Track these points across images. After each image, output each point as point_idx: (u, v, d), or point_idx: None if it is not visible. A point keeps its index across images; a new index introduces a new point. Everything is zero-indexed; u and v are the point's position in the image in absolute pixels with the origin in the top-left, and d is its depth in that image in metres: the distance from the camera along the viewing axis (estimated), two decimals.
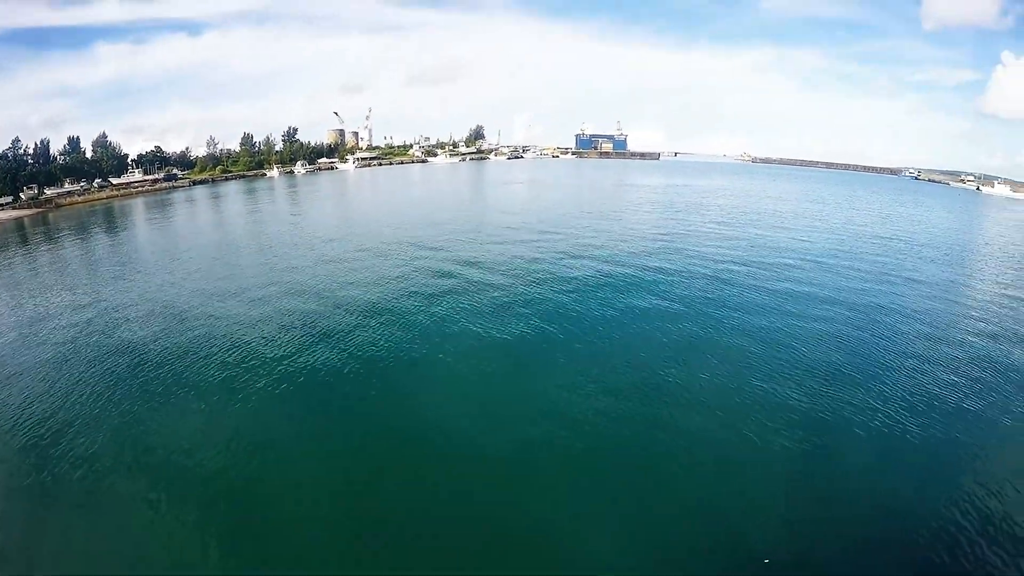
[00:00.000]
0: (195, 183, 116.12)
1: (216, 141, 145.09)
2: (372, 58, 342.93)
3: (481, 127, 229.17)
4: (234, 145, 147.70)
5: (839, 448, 11.26)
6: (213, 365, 16.84)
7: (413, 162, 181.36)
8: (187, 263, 30.05)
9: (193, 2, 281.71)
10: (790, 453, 10.95)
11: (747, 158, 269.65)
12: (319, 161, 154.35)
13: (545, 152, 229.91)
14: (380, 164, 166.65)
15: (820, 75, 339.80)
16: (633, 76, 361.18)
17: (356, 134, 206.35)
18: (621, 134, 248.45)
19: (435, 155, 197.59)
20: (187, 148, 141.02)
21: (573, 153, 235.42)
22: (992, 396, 13.59)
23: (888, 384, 14.01)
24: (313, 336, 17.54)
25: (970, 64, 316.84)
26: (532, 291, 19.87)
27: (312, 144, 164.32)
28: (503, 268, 23.43)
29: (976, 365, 15.47)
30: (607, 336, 16.18)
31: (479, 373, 14.36)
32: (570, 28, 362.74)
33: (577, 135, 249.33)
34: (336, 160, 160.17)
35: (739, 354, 15.32)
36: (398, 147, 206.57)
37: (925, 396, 13.50)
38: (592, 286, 20.94)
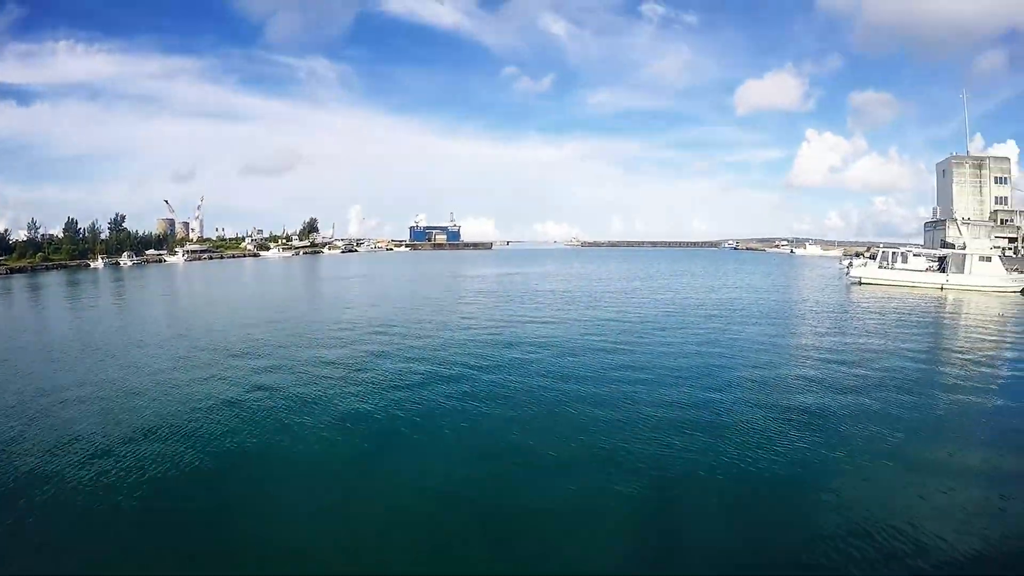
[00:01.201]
0: (12, 271, 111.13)
1: (38, 224, 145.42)
2: (207, 144, 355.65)
3: (315, 220, 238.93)
4: (57, 230, 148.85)
5: (684, 499, 10.53)
6: None
7: (245, 256, 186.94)
8: None
9: (21, 67, 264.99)
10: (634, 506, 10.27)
11: (577, 243, 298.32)
12: (147, 252, 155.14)
13: (379, 245, 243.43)
14: (211, 257, 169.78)
15: (641, 161, 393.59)
16: (466, 168, 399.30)
17: (187, 224, 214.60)
18: (455, 225, 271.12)
19: (268, 249, 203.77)
20: (6, 230, 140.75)
21: (407, 246, 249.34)
22: (817, 435, 13.23)
23: (730, 440, 12.87)
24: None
25: (778, 143, 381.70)
26: (372, 390, 17.38)
27: (140, 234, 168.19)
28: (340, 372, 19.77)
29: (802, 409, 15.05)
30: (440, 430, 14.05)
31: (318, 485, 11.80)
32: (406, 122, 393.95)
33: (411, 227, 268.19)
34: (165, 252, 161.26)
35: (575, 432, 13.62)
36: (230, 240, 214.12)
37: (775, 446, 12.68)
38: (427, 380, 18.31)
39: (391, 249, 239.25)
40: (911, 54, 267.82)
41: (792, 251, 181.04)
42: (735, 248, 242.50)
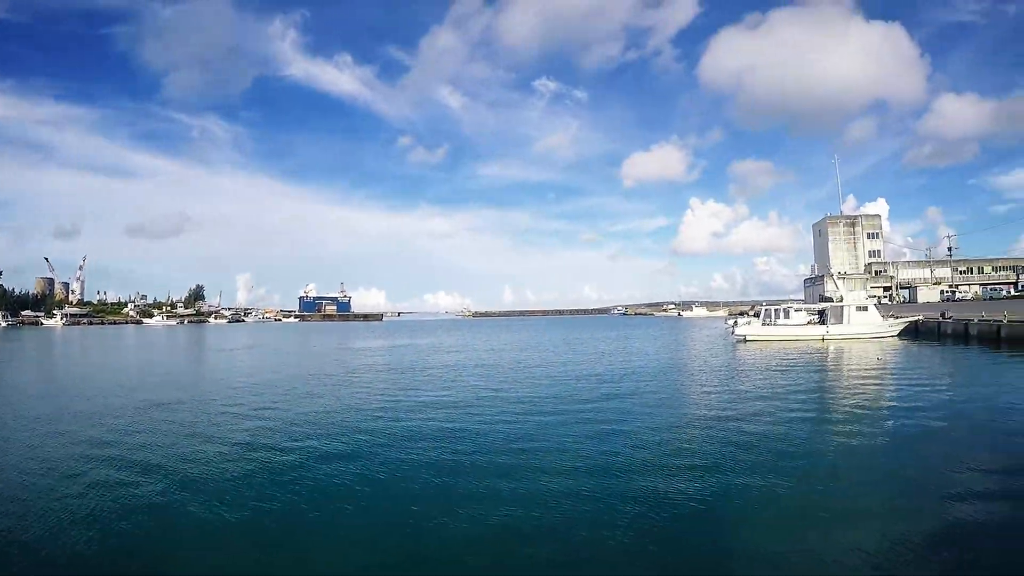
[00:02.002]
0: None
1: None
2: (93, 200, 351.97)
3: (202, 287, 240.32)
4: None
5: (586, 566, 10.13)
6: None
7: (128, 322, 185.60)
8: None
9: None
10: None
11: (468, 313, 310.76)
12: (23, 314, 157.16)
13: (268, 315, 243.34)
14: (91, 323, 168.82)
15: (531, 232, 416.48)
16: (358, 237, 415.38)
17: (67, 285, 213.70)
18: (345, 296, 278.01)
19: (151, 316, 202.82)
20: None
21: (296, 316, 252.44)
22: (714, 489, 13.17)
23: (629, 501, 12.70)
24: None
25: (664, 212, 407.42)
26: (252, 475, 16.09)
27: (16, 292, 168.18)
28: (217, 456, 18.03)
29: (698, 466, 15.11)
30: (327, 512, 13.01)
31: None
32: (298, 189, 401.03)
33: (301, 297, 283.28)
34: (42, 314, 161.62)
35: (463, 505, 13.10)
36: (112, 304, 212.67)
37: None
38: (312, 459, 17.32)
39: (280, 320, 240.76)
40: (788, 126, 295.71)
41: (680, 314, 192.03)
42: (624, 314, 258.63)
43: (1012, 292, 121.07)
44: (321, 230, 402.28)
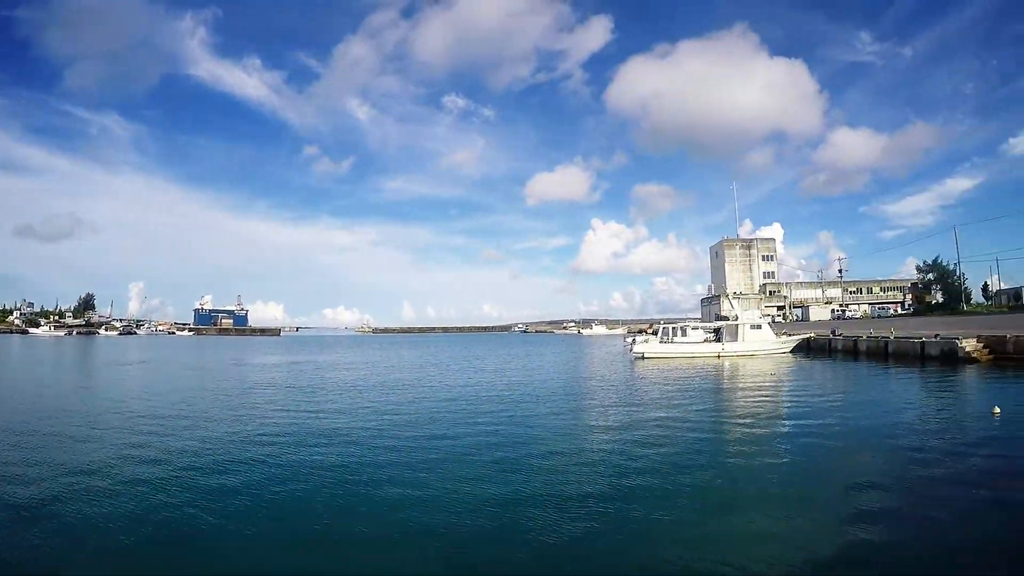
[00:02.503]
0: None
1: None
2: None
3: (92, 296, 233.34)
4: None
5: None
6: None
7: (12, 331, 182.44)
8: None
9: None
10: None
11: (368, 329, 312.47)
12: None
13: (161, 328, 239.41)
14: None
15: (433, 248, 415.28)
16: (257, 248, 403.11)
17: None
18: (242, 309, 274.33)
19: (38, 325, 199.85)
20: None
21: (191, 329, 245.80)
22: (615, 503, 13.22)
23: (530, 516, 12.54)
24: None
25: (565, 231, 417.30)
26: (141, 498, 14.99)
27: None
28: (105, 479, 16.98)
29: (599, 480, 15.08)
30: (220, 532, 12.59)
31: None
32: (197, 194, 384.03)
33: (196, 309, 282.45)
34: None
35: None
36: None
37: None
38: (209, 481, 16.47)
39: (174, 332, 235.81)
40: (689, 152, 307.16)
41: (579, 332, 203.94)
42: (525, 331, 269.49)
43: (899, 311, 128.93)
44: (219, 239, 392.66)
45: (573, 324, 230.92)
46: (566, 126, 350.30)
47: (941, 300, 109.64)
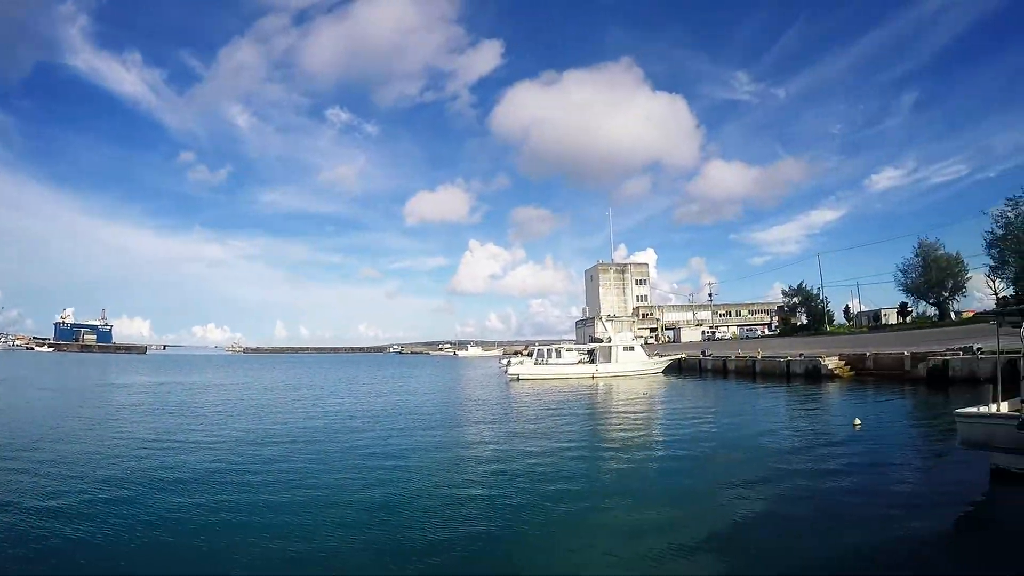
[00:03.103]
0: None
1: None
2: None
3: None
4: None
5: None
6: None
7: None
8: None
9: None
10: None
11: (239, 349, 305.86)
12: None
13: (19, 343, 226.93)
14: None
15: (308, 265, 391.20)
16: (123, 259, 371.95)
17: None
18: (106, 324, 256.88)
19: None
20: None
21: (51, 345, 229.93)
22: (499, 519, 13.25)
23: (409, 541, 12.34)
24: None
25: (444, 251, 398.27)
26: None
27: None
28: None
29: (477, 500, 15.12)
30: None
31: None
32: (61, 195, 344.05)
33: (57, 323, 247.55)
34: None
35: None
36: None
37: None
38: (67, 510, 15.37)
39: (32, 348, 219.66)
40: (569, 177, 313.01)
41: (455, 353, 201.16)
42: (400, 352, 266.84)
43: (766, 332, 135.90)
44: (84, 246, 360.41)
45: (449, 345, 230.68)
46: (450, 146, 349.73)
47: (806, 322, 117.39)
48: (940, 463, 17.05)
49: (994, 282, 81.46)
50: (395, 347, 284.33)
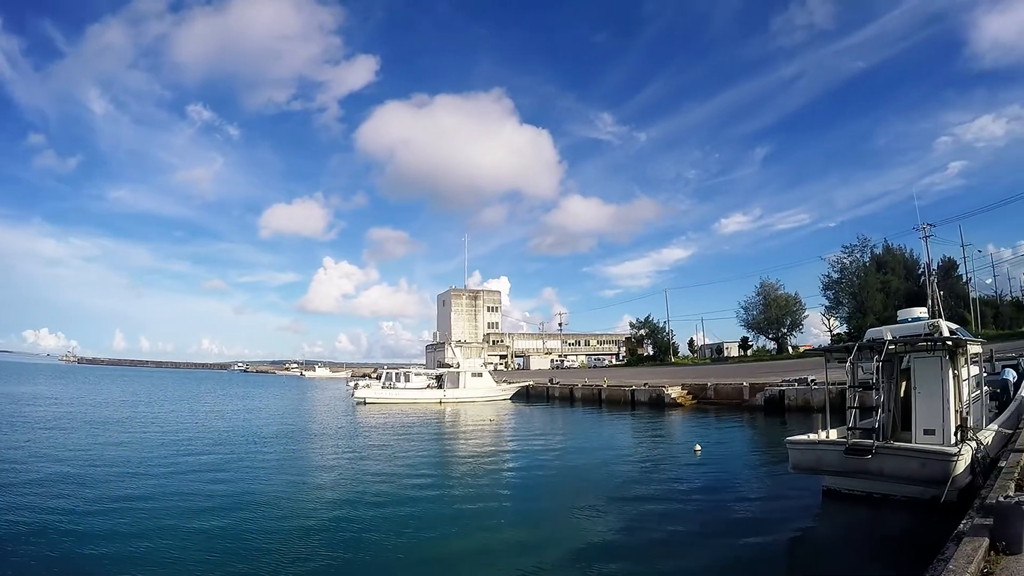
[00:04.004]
0: None
1: None
2: None
3: None
4: None
5: None
6: None
7: None
8: None
9: None
10: None
11: (74, 359, 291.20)
12: None
13: None
14: None
15: (153, 273, 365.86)
16: None
17: None
18: None
19: None
20: None
21: None
22: (344, 547, 12.93)
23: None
24: None
25: (296, 267, 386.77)
26: None
27: None
28: None
29: (325, 530, 14.49)
30: None
31: None
32: None
33: None
34: None
35: None
36: None
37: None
38: None
39: None
40: (429, 201, 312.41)
41: (302, 374, 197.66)
42: (245, 371, 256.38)
43: (614, 362, 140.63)
44: None
45: (296, 365, 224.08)
46: (312, 159, 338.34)
47: (652, 353, 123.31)
48: (777, 485, 17.86)
49: (829, 320, 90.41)
50: (240, 364, 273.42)
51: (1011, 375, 22.10)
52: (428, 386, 62.63)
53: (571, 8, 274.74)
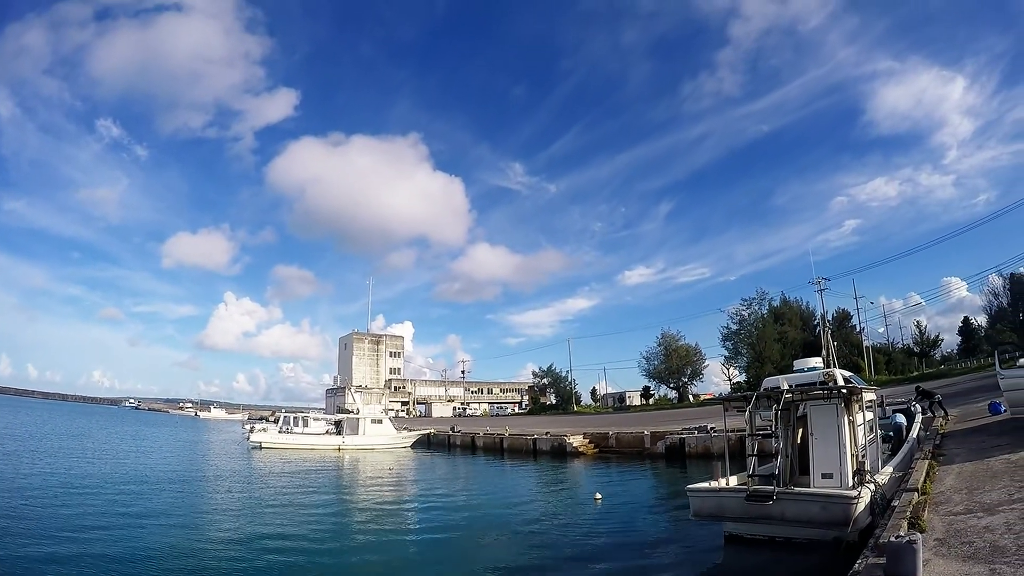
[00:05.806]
0: None
1: None
2: None
3: None
4: None
5: None
6: None
7: None
8: None
9: None
10: None
11: None
12: None
13: None
14: None
15: (44, 295, 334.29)
16: None
17: None
18: None
19: None
20: None
21: None
22: None
23: None
24: None
25: (194, 300, 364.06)
26: None
27: None
28: None
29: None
30: None
31: None
32: None
33: None
34: None
35: None
36: None
37: None
38: None
39: None
40: (336, 241, 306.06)
41: (197, 414, 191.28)
42: (137, 408, 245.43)
43: (516, 410, 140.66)
44: None
45: (191, 405, 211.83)
46: (221, 189, 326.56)
47: (555, 401, 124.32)
48: (678, 532, 18.11)
49: (728, 369, 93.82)
50: (131, 401, 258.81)
51: (902, 419, 23.27)
52: (327, 432, 61.29)
53: (491, 59, 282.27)
